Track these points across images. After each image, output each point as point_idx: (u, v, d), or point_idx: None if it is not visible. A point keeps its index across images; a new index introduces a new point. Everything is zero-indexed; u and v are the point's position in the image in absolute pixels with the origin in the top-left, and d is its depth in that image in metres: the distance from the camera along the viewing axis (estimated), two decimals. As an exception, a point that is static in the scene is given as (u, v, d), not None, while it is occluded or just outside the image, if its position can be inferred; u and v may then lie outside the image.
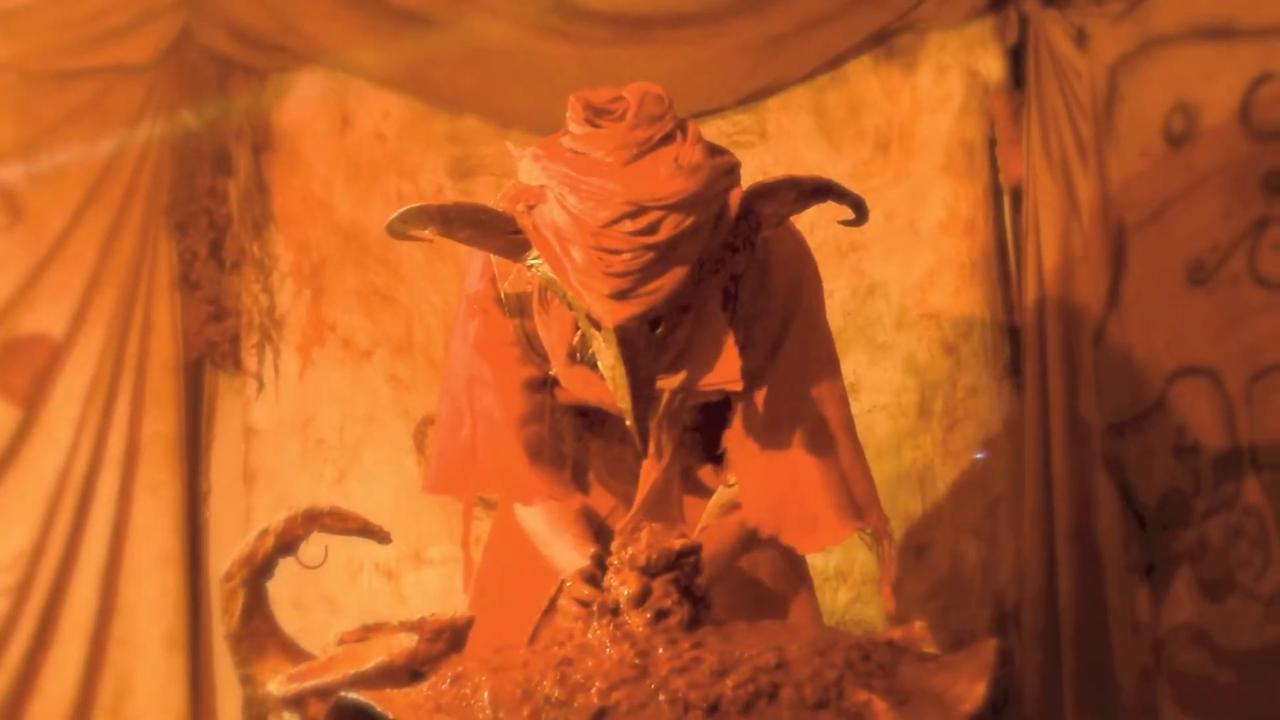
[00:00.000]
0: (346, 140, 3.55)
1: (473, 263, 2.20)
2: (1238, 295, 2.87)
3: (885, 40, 3.31)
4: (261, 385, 3.51)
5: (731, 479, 2.16)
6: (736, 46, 3.31)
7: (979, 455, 3.21)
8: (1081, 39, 3.11)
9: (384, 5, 3.40)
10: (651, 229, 1.84)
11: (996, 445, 3.21)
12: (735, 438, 2.15)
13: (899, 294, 3.28)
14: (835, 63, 3.34)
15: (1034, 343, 3.14)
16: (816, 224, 2.24)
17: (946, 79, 3.28)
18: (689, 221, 1.85)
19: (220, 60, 3.50)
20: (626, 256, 1.83)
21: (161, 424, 3.45)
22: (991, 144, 3.26)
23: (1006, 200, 3.27)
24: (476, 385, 2.18)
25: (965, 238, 3.24)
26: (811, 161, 3.28)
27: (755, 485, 2.12)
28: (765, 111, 3.36)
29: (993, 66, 3.25)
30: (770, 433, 2.12)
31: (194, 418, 3.53)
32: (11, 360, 3.33)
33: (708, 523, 2.15)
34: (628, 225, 1.84)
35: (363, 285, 3.52)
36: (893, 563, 2.19)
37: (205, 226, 3.52)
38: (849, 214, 1.99)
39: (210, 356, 3.54)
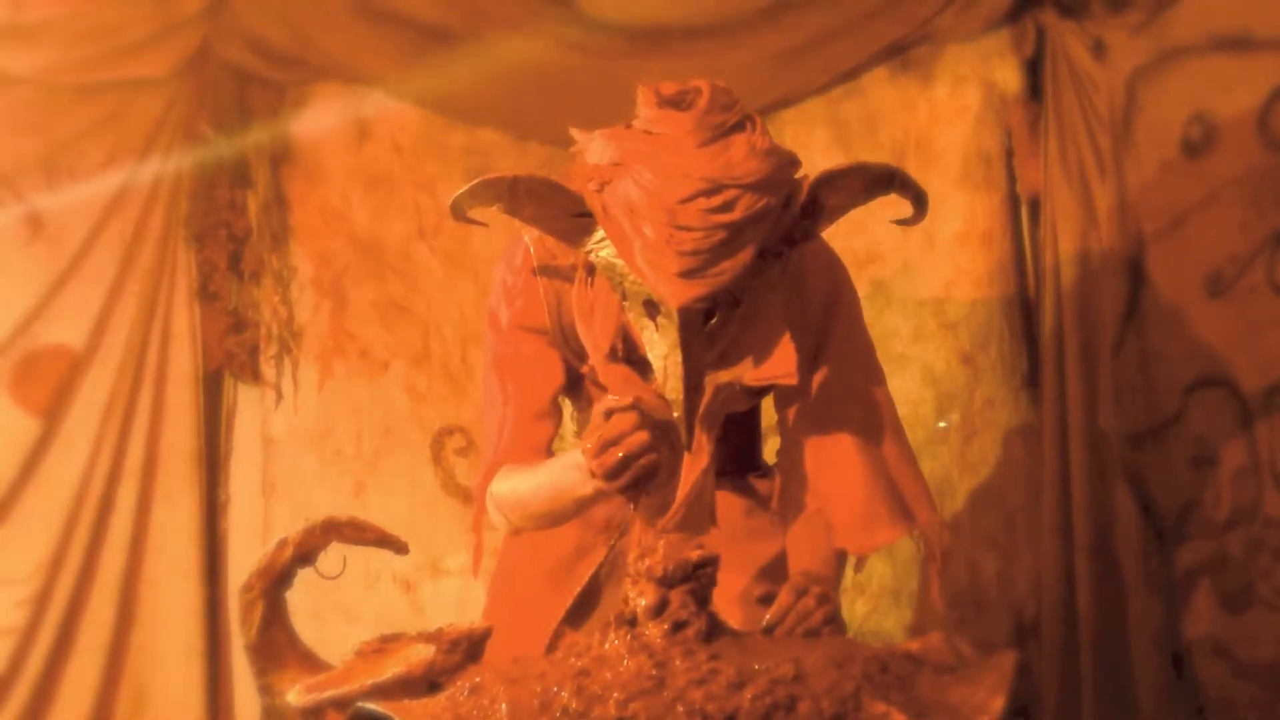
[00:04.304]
0: (364, 153, 3.56)
1: (501, 276, 2.20)
2: (1256, 306, 2.87)
3: (902, 52, 3.31)
4: (280, 396, 3.52)
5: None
6: (753, 59, 3.32)
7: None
8: (1099, 50, 3.11)
9: (401, 19, 3.41)
10: (727, 207, 1.85)
11: (1014, 456, 3.21)
12: (784, 449, 2.17)
13: (916, 305, 3.27)
14: (851, 74, 3.34)
15: (1052, 354, 3.13)
16: (834, 235, 2.24)
17: (963, 90, 3.28)
18: (762, 203, 1.87)
19: (239, 74, 3.51)
20: (698, 234, 1.84)
21: (180, 435, 3.45)
22: (1009, 155, 3.26)
23: (1024, 211, 3.26)
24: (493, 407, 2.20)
25: (983, 249, 3.24)
26: (828, 173, 3.28)
27: (807, 495, 2.14)
28: (781, 123, 3.36)
29: (1010, 78, 3.25)
30: (818, 440, 2.14)
31: (213, 428, 3.54)
32: (31, 372, 3.35)
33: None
34: (702, 203, 1.85)
35: (380, 297, 3.53)
36: (940, 564, 2.19)
37: (224, 238, 3.54)
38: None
39: (229, 367, 3.55)
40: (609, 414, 1.87)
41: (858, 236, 3.06)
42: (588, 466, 1.91)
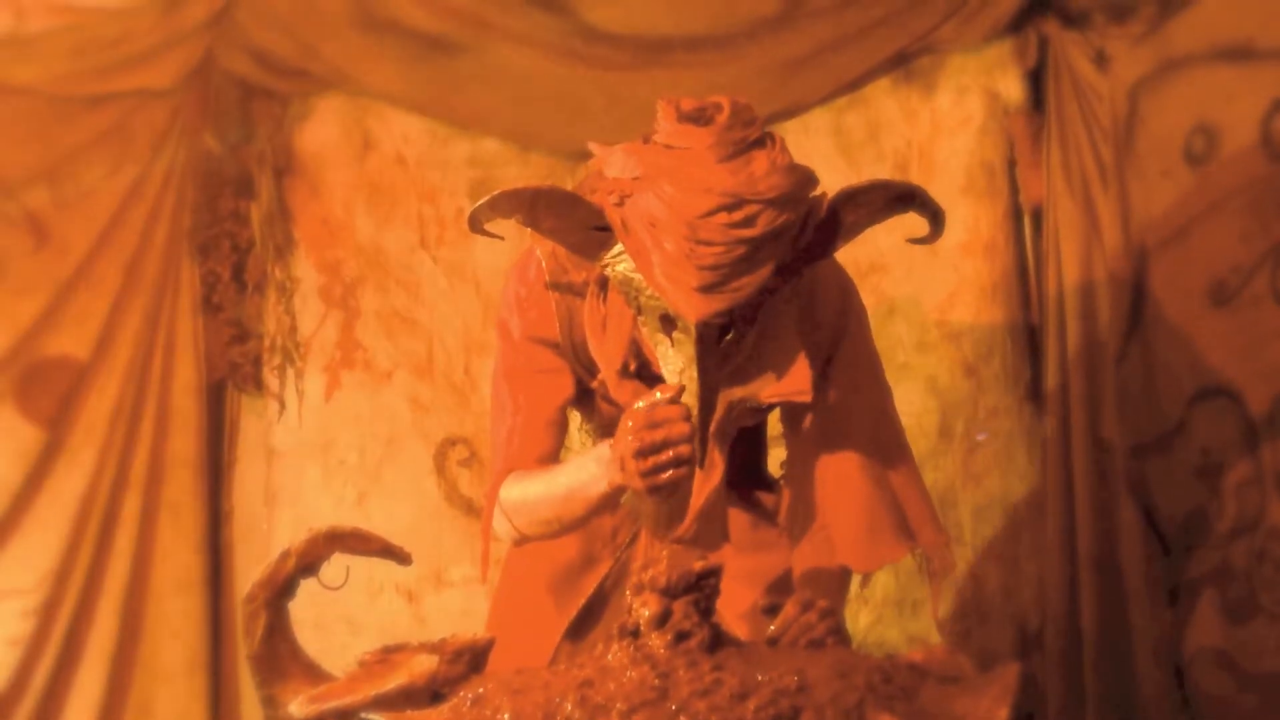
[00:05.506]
0: (367, 163, 3.57)
1: (513, 289, 2.20)
2: (1260, 316, 2.86)
3: (904, 62, 3.31)
4: (283, 407, 3.52)
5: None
6: (755, 69, 3.32)
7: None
8: (1101, 60, 3.11)
9: (404, 29, 3.42)
10: (748, 222, 1.86)
11: (1018, 467, 3.20)
12: (791, 465, 2.18)
13: (920, 315, 3.27)
14: (854, 85, 3.35)
15: (1055, 364, 3.13)
16: (838, 245, 2.24)
17: (966, 101, 3.28)
18: (782, 218, 1.88)
19: (243, 84, 3.52)
20: (719, 249, 1.85)
21: (184, 445, 3.46)
22: (1011, 165, 3.26)
23: (1027, 221, 3.26)
24: (504, 414, 2.20)
25: (986, 259, 3.24)
26: (831, 184, 3.26)
27: (813, 510, 2.14)
28: (784, 134, 3.25)
29: (1012, 88, 3.25)
30: (824, 457, 2.15)
31: (216, 439, 3.54)
32: (36, 382, 3.35)
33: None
34: (724, 217, 1.85)
35: (383, 308, 3.54)
36: (940, 584, 2.19)
37: (228, 249, 3.55)
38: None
39: (232, 378, 3.56)
40: (655, 405, 1.89)
41: (861, 246, 3.04)
42: (618, 453, 1.92)
